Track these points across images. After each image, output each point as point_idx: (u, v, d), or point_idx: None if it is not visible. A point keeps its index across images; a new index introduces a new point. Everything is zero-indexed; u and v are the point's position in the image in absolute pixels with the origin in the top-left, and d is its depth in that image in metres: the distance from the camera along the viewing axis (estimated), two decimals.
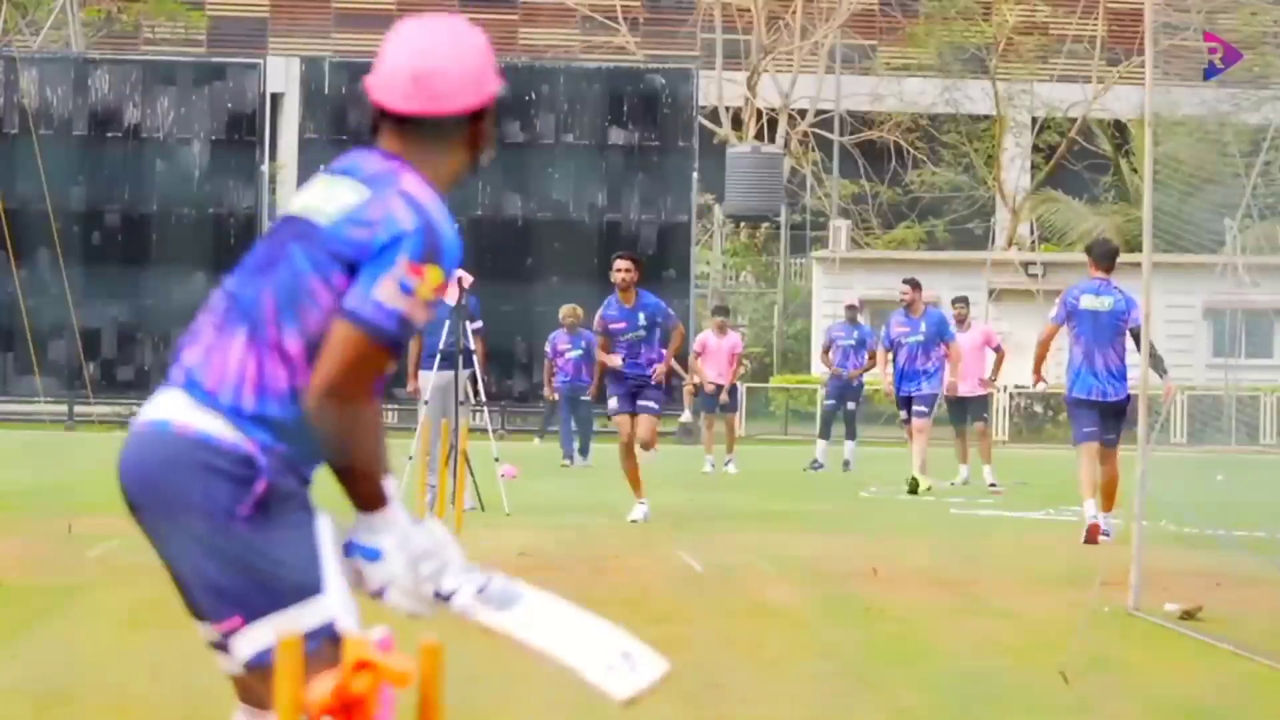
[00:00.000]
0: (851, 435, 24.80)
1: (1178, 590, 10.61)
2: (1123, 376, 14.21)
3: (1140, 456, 10.40)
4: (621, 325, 15.18)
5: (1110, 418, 14.15)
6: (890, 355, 20.79)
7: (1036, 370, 15.22)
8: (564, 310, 24.78)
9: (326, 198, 3.81)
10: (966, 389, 21.86)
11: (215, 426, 3.69)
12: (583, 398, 24.25)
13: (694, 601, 10.06)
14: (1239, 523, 13.67)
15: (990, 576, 11.61)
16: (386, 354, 3.72)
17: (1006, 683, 7.77)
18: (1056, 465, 22.85)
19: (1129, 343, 14.07)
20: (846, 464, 24.39)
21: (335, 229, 3.74)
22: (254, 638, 3.63)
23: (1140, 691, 7.61)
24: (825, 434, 24.80)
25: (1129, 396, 14.08)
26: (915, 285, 21.11)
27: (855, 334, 24.40)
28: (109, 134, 36.23)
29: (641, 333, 15.17)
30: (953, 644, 8.77)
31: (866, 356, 24.25)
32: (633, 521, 14.92)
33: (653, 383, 15.25)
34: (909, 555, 12.89)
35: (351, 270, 3.71)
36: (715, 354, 24.52)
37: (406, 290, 3.69)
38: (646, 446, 15.24)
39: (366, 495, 3.77)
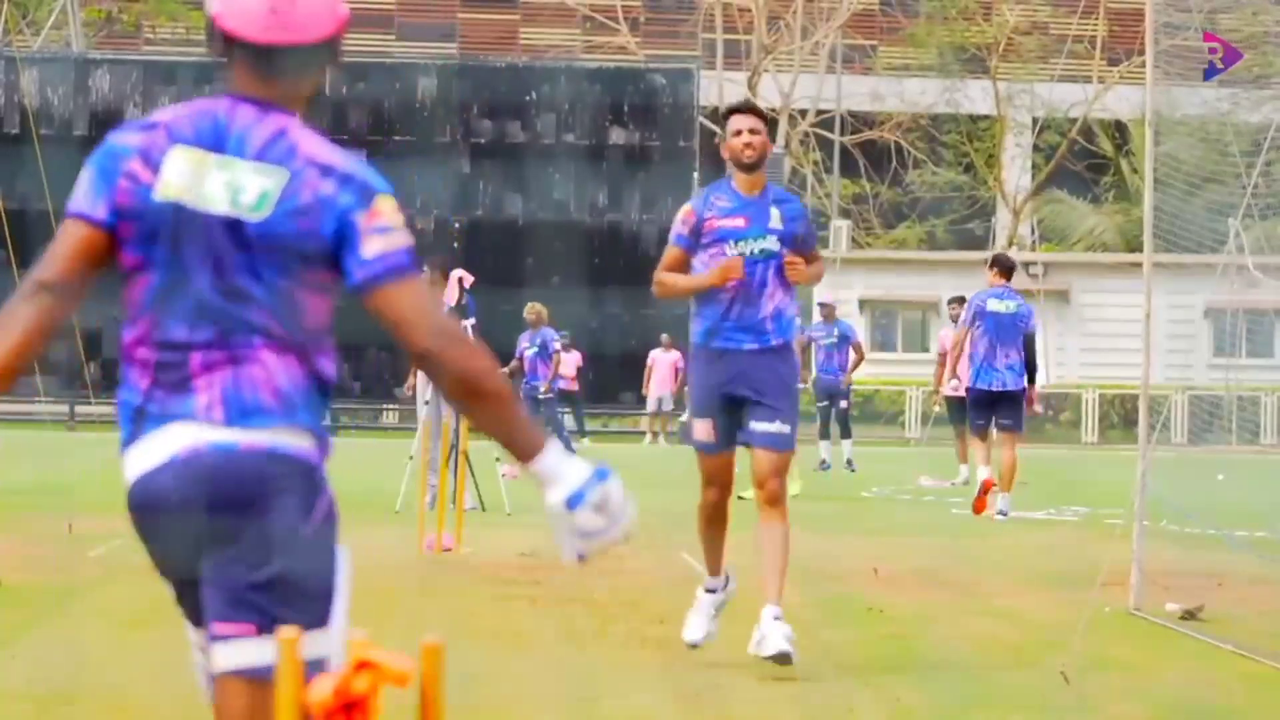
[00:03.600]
0: (846, 434, 24.76)
1: (1179, 591, 10.60)
2: (1020, 371, 16.23)
3: (1141, 456, 10.40)
4: (741, 223, 8.19)
5: (1006, 405, 16.20)
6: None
7: (953, 371, 18.12)
8: (527, 307, 24.29)
9: (231, 186, 3.68)
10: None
11: (280, 438, 3.63)
12: (540, 397, 23.72)
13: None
14: (1240, 523, 13.67)
15: (991, 577, 11.61)
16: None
17: (1007, 683, 7.76)
18: (1057, 465, 22.84)
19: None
20: (849, 463, 24.32)
21: (271, 225, 3.65)
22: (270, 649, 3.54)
23: (1141, 691, 7.61)
24: (825, 433, 24.79)
25: (1024, 388, 16.24)
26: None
27: (835, 330, 24.33)
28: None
29: (774, 245, 8.20)
30: (953, 644, 8.77)
31: (851, 351, 24.25)
32: (693, 645, 8.36)
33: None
34: (909, 555, 12.89)
35: (306, 258, 3.65)
36: None
37: (387, 230, 3.66)
38: (763, 486, 8.42)
39: (525, 434, 3.73)
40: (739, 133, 8.23)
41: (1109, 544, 12.79)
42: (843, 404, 24.40)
